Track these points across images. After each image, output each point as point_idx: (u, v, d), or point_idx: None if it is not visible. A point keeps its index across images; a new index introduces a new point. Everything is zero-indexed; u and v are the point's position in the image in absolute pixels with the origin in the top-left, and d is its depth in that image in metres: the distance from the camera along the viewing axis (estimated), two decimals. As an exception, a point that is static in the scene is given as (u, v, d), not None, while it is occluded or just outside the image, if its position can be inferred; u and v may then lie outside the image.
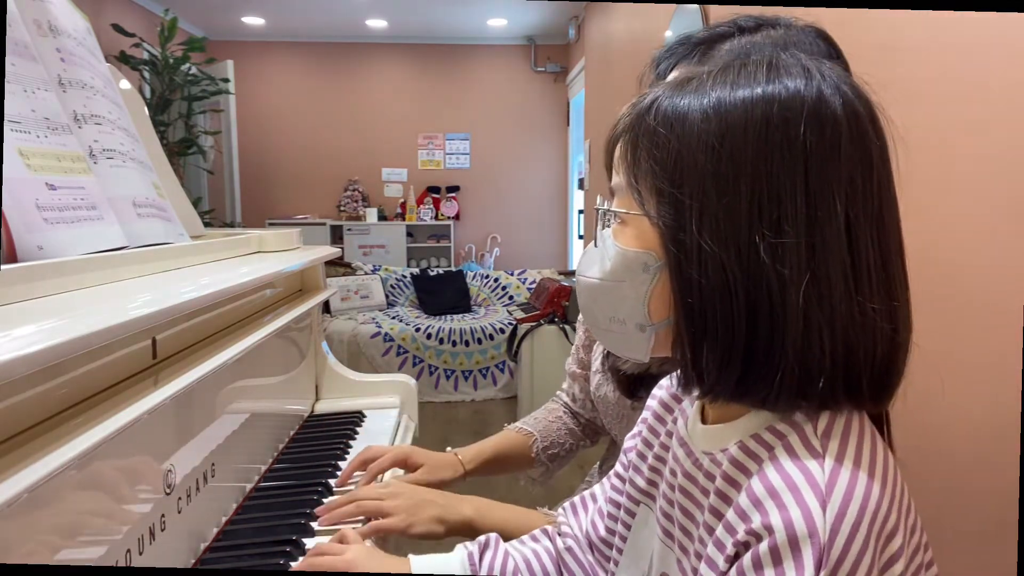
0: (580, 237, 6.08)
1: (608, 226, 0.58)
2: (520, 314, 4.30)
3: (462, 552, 0.76)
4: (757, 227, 0.49)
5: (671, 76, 0.83)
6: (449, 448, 1.09)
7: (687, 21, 2.55)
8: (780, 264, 0.48)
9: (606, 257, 0.56)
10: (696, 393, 0.54)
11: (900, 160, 0.53)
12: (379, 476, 1.02)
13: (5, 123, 0.70)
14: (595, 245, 0.59)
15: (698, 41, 0.82)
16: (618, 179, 0.57)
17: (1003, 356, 0.91)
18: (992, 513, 0.94)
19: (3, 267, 0.60)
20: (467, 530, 0.89)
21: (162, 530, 0.74)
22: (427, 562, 0.75)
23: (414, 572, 0.74)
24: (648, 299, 0.54)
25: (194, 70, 4.88)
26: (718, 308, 0.50)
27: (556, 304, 4.01)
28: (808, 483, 0.47)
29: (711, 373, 0.51)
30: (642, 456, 0.69)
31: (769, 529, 0.46)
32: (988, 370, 0.95)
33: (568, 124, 6.53)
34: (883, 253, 0.51)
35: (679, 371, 0.54)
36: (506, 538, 0.79)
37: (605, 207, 0.58)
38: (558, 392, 1.22)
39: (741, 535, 0.48)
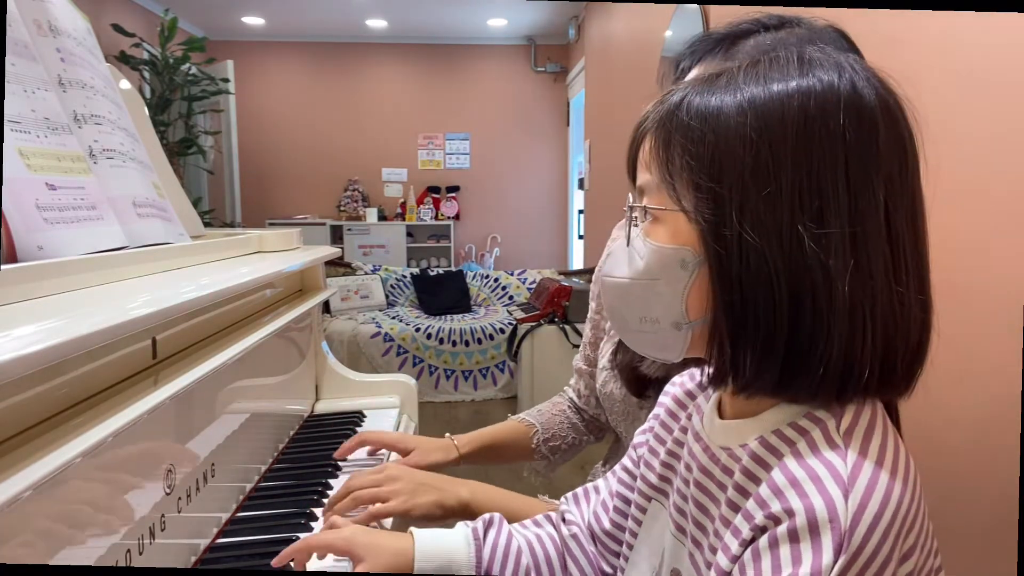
0: (580, 237, 6.07)
1: (637, 225, 0.57)
2: (520, 314, 4.29)
3: (465, 529, 0.75)
4: (799, 218, 0.49)
5: (693, 73, 0.83)
6: (448, 435, 1.09)
7: (687, 21, 2.55)
8: (825, 254, 0.48)
9: (637, 256, 0.55)
10: (729, 388, 0.54)
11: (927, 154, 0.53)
12: (376, 453, 1.01)
13: (5, 123, 0.70)
14: (627, 245, 0.58)
15: (721, 37, 0.82)
16: (648, 177, 0.56)
17: (1003, 356, 0.91)
18: (992, 513, 0.94)
19: (3, 267, 0.60)
20: (465, 513, 0.89)
21: (162, 530, 0.74)
22: (430, 535, 0.74)
23: (417, 546, 0.73)
24: (686, 296, 0.53)
25: (194, 70, 4.88)
26: (760, 302, 0.49)
27: (556, 304, 4.01)
28: (831, 474, 0.47)
29: (749, 368, 0.51)
30: (654, 452, 0.69)
31: (789, 512, 0.46)
32: (988, 370, 0.95)
33: (568, 124, 6.53)
34: (916, 242, 0.52)
35: (711, 367, 0.54)
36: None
37: (637, 205, 0.57)
38: (565, 387, 1.22)
39: (759, 519, 0.48)
